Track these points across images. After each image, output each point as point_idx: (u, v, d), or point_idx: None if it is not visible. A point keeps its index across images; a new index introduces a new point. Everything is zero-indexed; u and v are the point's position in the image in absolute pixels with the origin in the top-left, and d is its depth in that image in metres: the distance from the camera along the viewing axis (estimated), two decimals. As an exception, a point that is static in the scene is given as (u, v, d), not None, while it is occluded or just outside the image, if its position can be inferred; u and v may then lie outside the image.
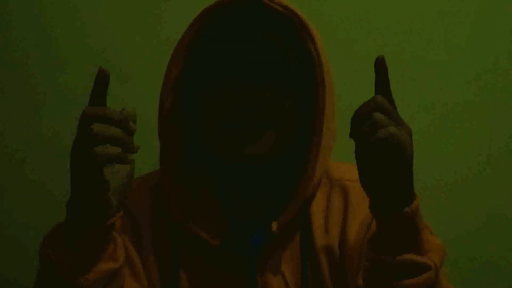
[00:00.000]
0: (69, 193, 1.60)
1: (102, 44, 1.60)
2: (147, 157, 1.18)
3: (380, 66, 0.90)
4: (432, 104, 1.58)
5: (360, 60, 1.55)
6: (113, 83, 1.63)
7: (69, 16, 1.61)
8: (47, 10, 1.61)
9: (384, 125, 0.85)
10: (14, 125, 1.62)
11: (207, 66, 1.06)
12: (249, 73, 1.02)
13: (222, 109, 1.03)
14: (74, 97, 1.60)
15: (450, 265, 1.07)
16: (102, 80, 0.89)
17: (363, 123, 0.86)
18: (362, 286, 0.96)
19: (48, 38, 1.61)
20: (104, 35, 1.60)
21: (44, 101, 1.61)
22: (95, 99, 0.89)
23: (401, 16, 1.58)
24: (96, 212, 0.91)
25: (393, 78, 1.63)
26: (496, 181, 1.58)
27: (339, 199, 1.09)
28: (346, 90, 1.48)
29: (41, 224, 1.64)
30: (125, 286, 0.99)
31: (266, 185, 1.08)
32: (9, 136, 1.62)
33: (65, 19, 1.61)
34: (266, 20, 1.05)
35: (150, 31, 1.59)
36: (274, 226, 1.04)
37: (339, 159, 1.17)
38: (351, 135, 0.88)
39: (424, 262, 0.90)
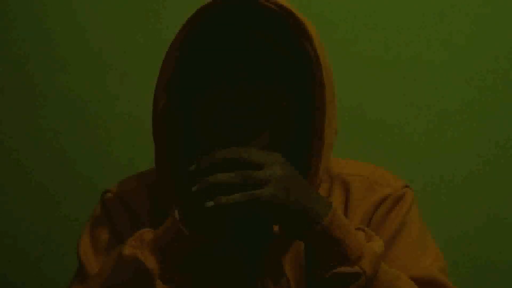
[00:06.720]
0: (68, 193, 1.61)
1: (102, 44, 1.60)
2: (146, 155, 1.18)
3: None
4: (432, 104, 1.58)
5: (360, 60, 1.55)
6: (113, 83, 1.65)
7: (69, 16, 1.61)
8: (47, 11, 1.61)
9: (263, 183, 0.92)
10: (14, 125, 1.62)
11: (200, 66, 1.05)
12: (241, 73, 1.01)
13: (215, 110, 1.02)
14: (74, 97, 1.60)
15: (450, 265, 1.07)
16: None
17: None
18: None
19: (48, 38, 1.61)
20: (103, 35, 1.60)
21: (44, 101, 1.61)
22: None
23: (401, 16, 1.58)
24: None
25: (393, 78, 1.65)
26: (496, 181, 1.58)
27: (340, 194, 1.09)
28: (346, 90, 1.48)
29: (41, 224, 1.65)
30: None
31: None
32: (9, 136, 1.62)
33: (65, 19, 1.61)
34: (259, 19, 1.04)
35: (150, 31, 1.59)
36: (276, 226, 1.03)
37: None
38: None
39: (354, 272, 0.94)
